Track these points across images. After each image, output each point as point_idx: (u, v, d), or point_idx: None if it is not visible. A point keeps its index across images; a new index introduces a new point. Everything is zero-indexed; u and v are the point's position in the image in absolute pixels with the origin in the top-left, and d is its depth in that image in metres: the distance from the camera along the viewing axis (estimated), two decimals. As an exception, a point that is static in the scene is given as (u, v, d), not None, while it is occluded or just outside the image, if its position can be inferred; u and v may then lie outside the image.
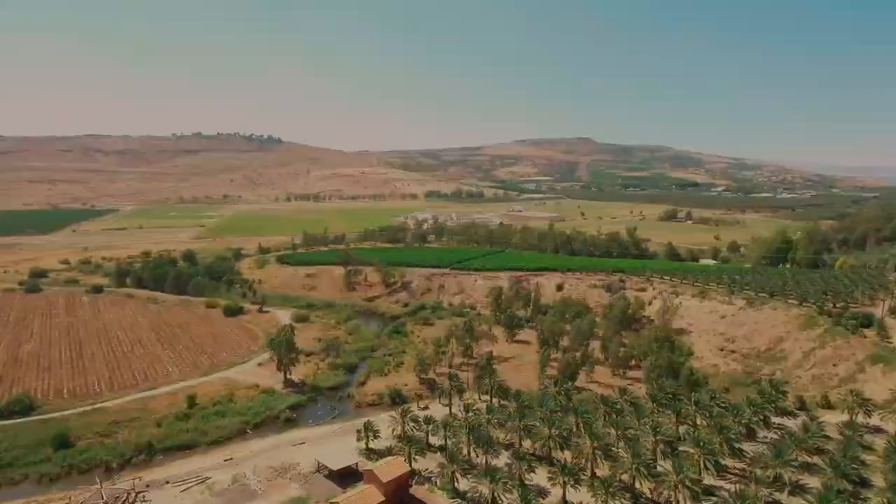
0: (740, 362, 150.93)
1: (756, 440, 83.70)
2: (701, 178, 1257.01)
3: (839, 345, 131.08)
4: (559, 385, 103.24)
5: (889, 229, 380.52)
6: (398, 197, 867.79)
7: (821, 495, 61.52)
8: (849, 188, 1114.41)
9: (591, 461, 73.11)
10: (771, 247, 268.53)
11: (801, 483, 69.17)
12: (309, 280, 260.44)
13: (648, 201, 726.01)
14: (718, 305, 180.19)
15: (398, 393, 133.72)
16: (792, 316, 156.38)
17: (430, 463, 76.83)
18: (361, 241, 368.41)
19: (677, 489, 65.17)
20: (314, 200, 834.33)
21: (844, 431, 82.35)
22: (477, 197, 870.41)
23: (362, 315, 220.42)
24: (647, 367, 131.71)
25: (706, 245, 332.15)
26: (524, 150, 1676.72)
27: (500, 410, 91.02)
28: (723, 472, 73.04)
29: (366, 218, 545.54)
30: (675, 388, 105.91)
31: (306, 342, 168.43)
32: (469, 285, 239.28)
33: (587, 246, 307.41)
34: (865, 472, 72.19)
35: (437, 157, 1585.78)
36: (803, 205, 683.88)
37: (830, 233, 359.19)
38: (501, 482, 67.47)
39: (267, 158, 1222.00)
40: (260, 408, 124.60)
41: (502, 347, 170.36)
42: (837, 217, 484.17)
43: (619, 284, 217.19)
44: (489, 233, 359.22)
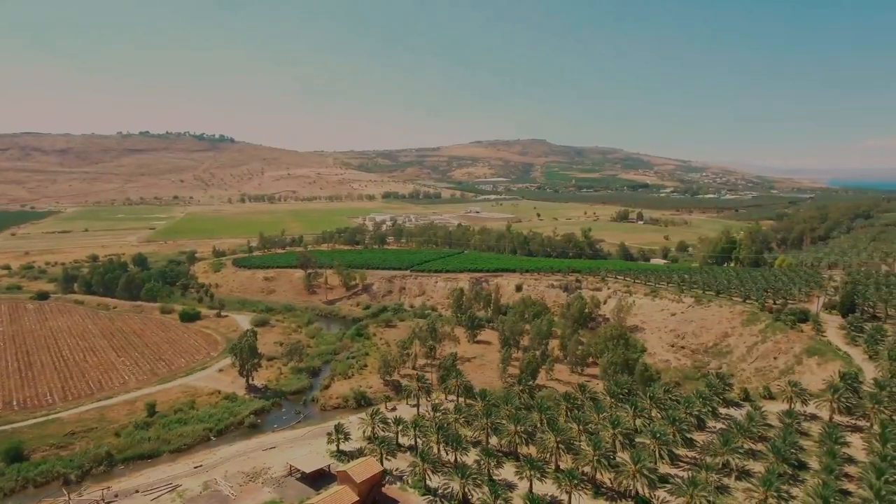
0: (690, 357, 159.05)
1: (706, 430, 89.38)
2: (651, 179, 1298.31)
3: (779, 339, 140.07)
4: (523, 383, 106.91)
5: (823, 229, 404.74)
6: (355, 198, 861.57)
7: (764, 479, 66.78)
8: (787, 189, 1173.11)
9: (555, 455, 76.79)
10: (716, 247, 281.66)
11: (747, 468, 74.68)
12: (267, 283, 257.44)
13: (601, 202, 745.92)
14: (669, 304, 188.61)
15: (363, 395, 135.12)
16: (736, 313, 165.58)
17: (401, 463, 78.87)
18: (319, 243, 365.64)
19: (635, 478, 69.47)
20: (269, 202, 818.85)
21: (784, 419, 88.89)
22: (434, 198, 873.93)
23: (323, 318, 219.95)
24: (604, 364, 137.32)
25: (656, 245, 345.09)
26: (481, 151, 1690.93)
27: (467, 409, 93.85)
28: (676, 461, 77.97)
29: (323, 219, 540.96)
30: (631, 384, 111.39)
31: (267, 347, 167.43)
32: (430, 287, 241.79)
33: (544, 247, 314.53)
34: (803, 457, 78.40)
35: (393, 157, 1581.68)
36: (745, 206, 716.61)
37: (770, 233, 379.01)
38: (471, 478, 70.24)
39: (219, 158, 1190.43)
40: (223, 414, 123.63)
41: (464, 348, 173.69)
42: (777, 217, 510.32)
43: (576, 284, 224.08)
44: (448, 234, 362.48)
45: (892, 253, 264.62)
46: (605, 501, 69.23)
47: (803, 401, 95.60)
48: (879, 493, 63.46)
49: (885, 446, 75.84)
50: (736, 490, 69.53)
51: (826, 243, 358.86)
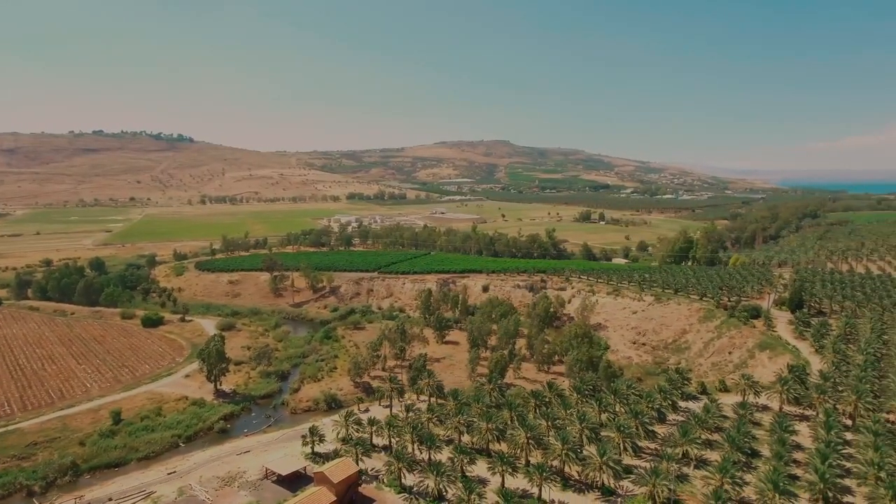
0: (650, 353, 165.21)
1: (666, 423, 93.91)
2: (611, 180, 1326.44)
3: (733, 335, 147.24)
4: (493, 382, 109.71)
5: (774, 228, 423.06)
6: (319, 199, 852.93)
7: (720, 466, 71.18)
8: (740, 190, 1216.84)
9: (525, 450, 79.74)
10: (674, 246, 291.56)
11: (704, 457, 79.19)
12: (232, 287, 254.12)
13: (564, 203, 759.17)
14: (630, 302, 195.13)
15: (334, 398, 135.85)
16: (694, 310, 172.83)
17: (376, 462, 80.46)
18: (284, 245, 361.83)
19: (601, 470, 72.95)
20: (231, 203, 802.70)
21: (738, 411, 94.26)
22: (399, 199, 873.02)
23: (291, 321, 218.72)
24: (570, 362, 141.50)
25: (618, 245, 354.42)
26: (445, 151, 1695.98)
27: (440, 409, 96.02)
28: (639, 453, 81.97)
29: (287, 221, 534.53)
30: (596, 380, 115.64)
31: (235, 351, 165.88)
32: (398, 288, 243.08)
33: (509, 247, 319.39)
34: (755, 445, 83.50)
35: (358, 158, 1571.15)
36: (701, 206, 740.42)
37: (725, 232, 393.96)
38: (445, 475, 72.46)
39: (178, 158, 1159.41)
40: (191, 420, 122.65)
41: (433, 348, 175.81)
42: (731, 217, 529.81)
43: (541, 284, 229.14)
44: (414, 235, 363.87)
45: (836, 251, 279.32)
46: (573, 493, 72.42)
47: (755, 393, 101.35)
48: (824, 476, 68.65)
49: (829, 433, 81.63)
50: (694, 478, 73.77)
51: (776, 242, 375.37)
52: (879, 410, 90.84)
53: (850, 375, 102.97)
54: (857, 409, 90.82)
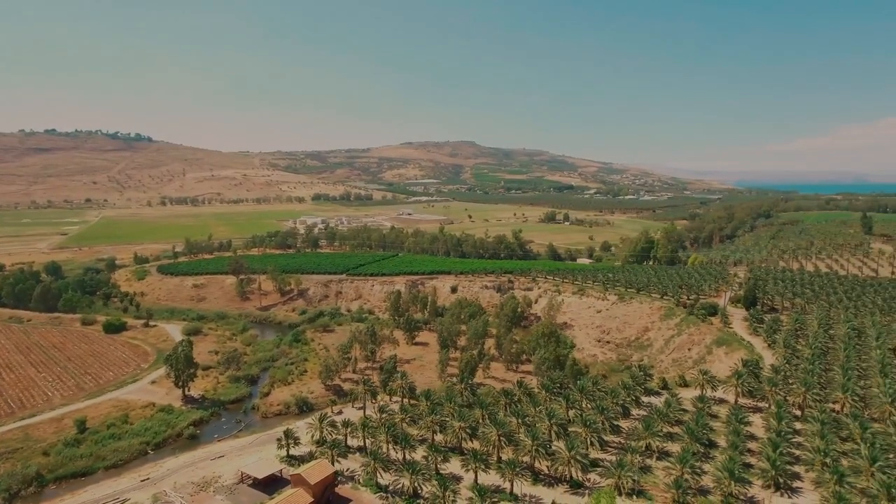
0: (615, 351, 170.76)
1: (630, 417, 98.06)
2: (575, 181, 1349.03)
3: (692, 332, 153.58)
4: (465, 382, 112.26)
5: (730, 228, 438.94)
6: (284, 200, 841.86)
7: (680, 457, 75.21)
8: (698, 190, 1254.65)
9: (497, 447, 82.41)
10: (636, 246, 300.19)
11: (666, 449, 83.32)
12: (197, 291, 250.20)
13: (529, 203, 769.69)
14: (595, 301, 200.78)
15: (305, 401, 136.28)
16: (655, 308, 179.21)
17: (351, 464, 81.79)
18: (250, 247, 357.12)
19: (570, 464, 76.17)
20: (192, 204, 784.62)
21: (697, 404, 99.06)
22: (366, 200, 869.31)
23: (258, 325, 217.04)
24: (537, 361, 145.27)
25: (582, 245, 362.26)
26: (411, 152, 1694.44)
27: (413, 409, 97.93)
28: (605, 447, 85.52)
29: (251, 222, 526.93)
30: (563, 378, 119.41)
31: (202, 356, 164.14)
32: (366, 290, 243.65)
33: (477, 248, 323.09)
34: (713, 436, 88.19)
35: (323, 158, 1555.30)
36: (662, 206, 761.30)
37: (684, 232, 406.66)
38: (420, 473, 74.50)
39: (136, 159, 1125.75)
40: (159, 427, 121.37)
41: (403, 350, 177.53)
42: (690, 217, 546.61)
43: (509, 285, 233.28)
44: (382, 237, 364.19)
45: (787, 250, 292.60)
46: (543, 487, 75.42)
47: (713, 387, 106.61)
48: (775, 463, 73.52)
49: (780, 423, 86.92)
50: (657, 469, 77.72)
51: (732, 241, 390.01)
52: (825, 401, 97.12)
53: (799, 369, 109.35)
54: (806, 400, 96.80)
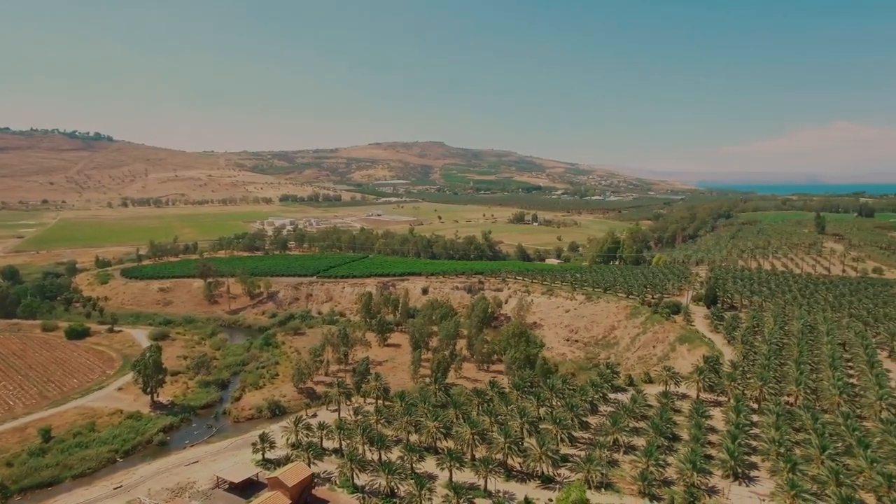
0: (583, 350, 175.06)
1: (598, 414, 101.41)
2: (543, 182, 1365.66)
3: (657, 330, 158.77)
4: (438, 383, 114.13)
5: (692, 228, 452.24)
6: (251, 201, 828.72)
7: (645, 451, 78.66)
8: (662, 191, 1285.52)
9: (470, 446, 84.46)
10: (603, 247, 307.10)
11: (632, 443, 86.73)
12: (163, 295, 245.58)
13: (498, 204, 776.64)
14: (563, 301, 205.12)
15: (277, 405, 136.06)
16: (621, 307, 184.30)
17: (328, 465, 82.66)
18: (216, 249, 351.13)
19: (541, 460, 78.80)
20: (155, 206, 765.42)
21: (661, 400, 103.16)
22: (334, 201, 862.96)
23: (228, 329, 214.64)
24: (508, 361, 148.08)
25: (550, 245, 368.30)
26: (380, 152, 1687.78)
27: (387, 410, 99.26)
28: (575, 442, 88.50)
29: (217, 224, 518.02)
30: (533, 377, 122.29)
31: (170, 361, 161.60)
32: (337, 293, 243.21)
33: (447, 249, 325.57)
34: (676, 430, 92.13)
35: (290, 159, 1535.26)
36: (627, 206, 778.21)
37: (649, 232, 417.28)
38: (396, 473, 76.00)
39: (95, 159, 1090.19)
40: (128, 434, 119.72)
41: (376, 351, 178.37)
42: (654, 218, 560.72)
43: (479, 286, 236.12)
44: (352, 238, 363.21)
45: (746, 250, 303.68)
46: (516, 483, 77.84)
47: (676, 383, 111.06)
48: (733, 454, 77.57)
49: (738, 416, 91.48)
50: (624, 462, 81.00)
51: (695, 241, 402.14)
52: (780, 394, 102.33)
53: (756, 364, 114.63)
54: (762, 393, 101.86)
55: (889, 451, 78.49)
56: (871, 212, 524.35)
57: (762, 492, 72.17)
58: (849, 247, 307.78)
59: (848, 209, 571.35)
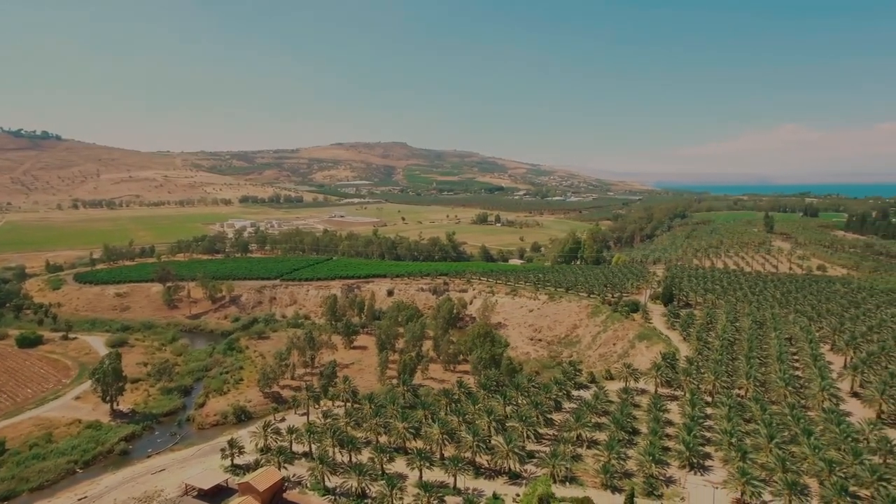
0: (546, 348, 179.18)
1: (562, 410, 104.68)
2: (505, 182, 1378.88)
3: (617, 328, 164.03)
4: (406, 384, 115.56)
5: (650, 228, 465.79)
6: (209, 202, 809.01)
7: (607, 445, 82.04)
8: (621, 192, 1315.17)
9: (439, 445, 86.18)
10: (564, 247, 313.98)
11: (595, 438, 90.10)
12: (120, 300, 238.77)
13: (462, 205, 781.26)
14: (527, 301, 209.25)
15: (243, 410, 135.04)
16: (583, 306, 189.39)
17: (298, 469, 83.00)
18: (175, 252, 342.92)
19: (508, 457, 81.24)
20: (108, 207, 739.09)
21: (622, 396, 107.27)
22: (296, 202, 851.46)
23: (189, 334, 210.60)
24: (474, 361, 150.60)
25: (513, 246, 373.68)
26: (342, 153, 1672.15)
27: (356, 412, 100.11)
28: (541, 439, 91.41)
29: (175, 227, 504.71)
30: (499, 376, 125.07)
31: (130, 368, 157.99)
32: (302, 296, 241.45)
33: (411, 251, 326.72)
34: (636, 424, 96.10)
35: (250, 159, 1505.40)
36: (587, 207, 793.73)
37: (608, 232, 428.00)
38: (367, 474, 77.10)
39: (43, 158, 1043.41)
40: (88, 444, 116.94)
41: (342, 354, 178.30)
42: (613, 218, 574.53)
43: (444, 287, 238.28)
44: (315, 240, 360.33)
45: (700, 249, 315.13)
46: (484, 480, 80.00)
47: (635, 379, 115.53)
48: (689, 446, 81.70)
49: (693, 410, 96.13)
50: (587, 456, 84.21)
51: (652, 241, 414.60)
52: (732, 387, 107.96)
53: (709, 359, 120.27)
54: (715, 387, 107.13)
55: (830, 439, 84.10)
56: (815, 211, 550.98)
57: (716, 480, 76.35)
58: (795, 245, 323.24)
59: (794, 209, 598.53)
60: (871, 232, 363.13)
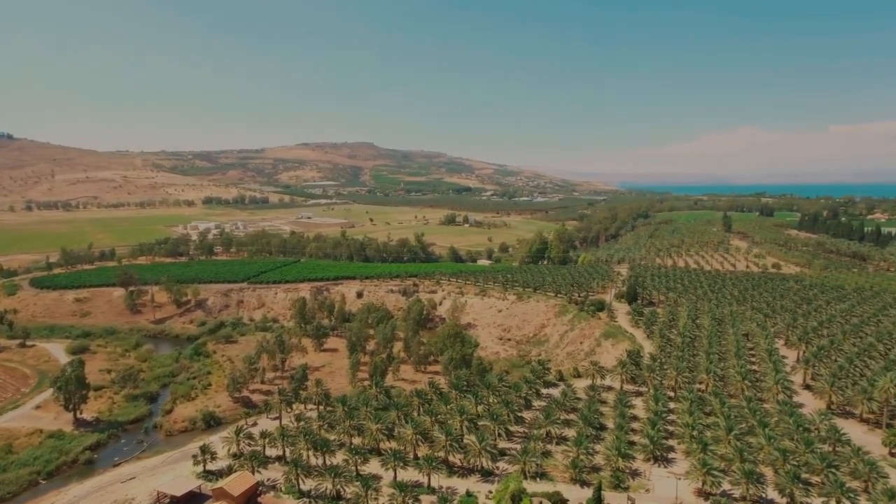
0: (515, 348, 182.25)
1: (532, 408, 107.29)
2: (473, 183, 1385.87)
3: (583, 327, 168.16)
4: (378, 386, 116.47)
5: (614, 228, 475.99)
6: (171, 204, 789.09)
7: (576, 440, 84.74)
8: (586, 192, 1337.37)
9: (413, 445, 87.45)
10: (532, 247, 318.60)
11: (564, 435, 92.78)
12: (80, 305, 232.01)
13: (430, 206, 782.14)
14: (496, 301, 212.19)
15: (212, 415, 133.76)
16: (550, 306, 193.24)
17: (272, 473, 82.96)
18: (136, 256, 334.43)
19: (480, 455, 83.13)
20: (64, 209, 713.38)
21: (589, 392, 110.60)
22: (262, 203, 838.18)
23: (153, 339, 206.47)
24: (445, 361, 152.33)
25: (482, 247, 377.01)
26: (308, 153, 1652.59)
27: (329, 415, 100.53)
28: (512, 436, 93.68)
29: (136, 229, 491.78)
30: (469, 376, 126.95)
31: (93, 375, 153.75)
32: (270, 299, 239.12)
33: (380, 252, 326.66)
34: (603, 420, 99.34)
35: (213, 159, 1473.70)
36: (553, 207, 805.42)
37: (574, 233, 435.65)
38: (341, 476, 77.81)
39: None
40: (51, 454, 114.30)
41: (312, 357, 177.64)
42: (579, 218, 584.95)
43: (414, 288, 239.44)
44: (283, 242, 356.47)
45: (662, 248, 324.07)
46: (457, 478, 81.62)
47: (602, 376, 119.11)
48: (653, 439, 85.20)
49: (657, 404, 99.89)
50: (556, 453, 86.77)
51: (616, 240, 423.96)
52: (693, 382, 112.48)
53: (672, 356, 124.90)
54: (678, 382, 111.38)
55: (784, 430, 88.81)
56: (770, 211, 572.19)
57: (678, 471, 79.82)
58: (752, 244, 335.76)
59: (751, 209, 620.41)
60: (823, 231, 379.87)
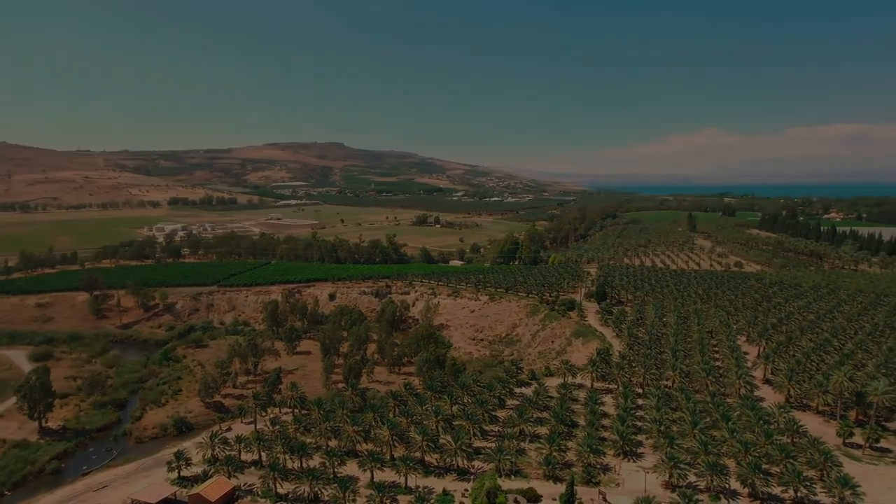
0: (488, 348, 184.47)
1: (506, 407, 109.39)
2: (444, 183, 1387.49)
3: (555, 326, 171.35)
4: (353, 388, 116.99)
5: (583, 228, 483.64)
6: (136, 205, 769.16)
7: (548, 438, 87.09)
8: (556, 192, 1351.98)
9: (389, 446, 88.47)
10: (503, 248, 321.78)
11: (537, 432, 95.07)
12: (42, 311, 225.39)
13: (401, 206, 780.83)
14: (468, 302, 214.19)
15: (184, 421, 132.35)
16: (522, 306, 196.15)
17: (249, 478, 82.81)
18: (100, 259, 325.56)
19: (456, 454, 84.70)
20: (22, 211, 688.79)
21: (560, 391, 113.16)
22: (230, 204, 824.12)
23: (120, 345, 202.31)
24: (419, 362, 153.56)
25: (453, 247, 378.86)
26: (277, 153, 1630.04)
27: (305, 418, 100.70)
28: (486, 435, 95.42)
29: (99, 231, 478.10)
30: (444, 377, 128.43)
31: (58, 383, 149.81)
32: (240, 301, 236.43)
33: (352, 254, 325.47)
34: (574, 417, 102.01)
35: (179, 159, 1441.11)
36: (524, 208, 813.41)
37: (544, 233, 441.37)
38: (319, 479, 78.35)
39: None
40: (16, 465, 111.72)
41: (285, 360, 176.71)
42: (549, 218, 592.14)
43: (386, 289, 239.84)
44: (252, 244, 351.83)
45: (630, 248, 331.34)
46: (434, 478, 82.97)
47: (573, 374, 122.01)
48: (623, 435, 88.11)
49: (626, 401, 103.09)
50: (530, 450, 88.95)
51: (586, 240, 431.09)
52: (660, 379, 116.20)
53: (640, 353, 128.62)
54: (646, 379, 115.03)
55: (746, 423, 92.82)
56: (733, 211, 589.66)
57: (647, 465, 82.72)
58: (715, 243, 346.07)
59: (715, 209, 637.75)
60: (782, 230, 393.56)
